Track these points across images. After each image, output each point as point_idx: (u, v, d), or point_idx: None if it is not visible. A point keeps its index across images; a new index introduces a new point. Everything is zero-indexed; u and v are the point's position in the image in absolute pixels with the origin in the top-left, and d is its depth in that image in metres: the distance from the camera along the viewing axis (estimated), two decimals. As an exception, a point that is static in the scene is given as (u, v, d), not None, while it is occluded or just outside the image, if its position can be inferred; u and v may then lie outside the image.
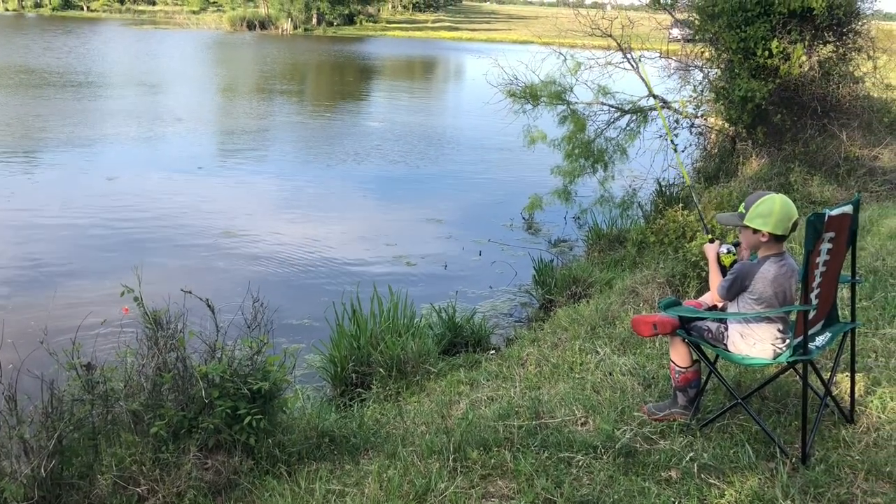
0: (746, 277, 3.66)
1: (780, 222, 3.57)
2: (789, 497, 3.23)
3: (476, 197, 12.75)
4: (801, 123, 9.83)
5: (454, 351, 6.37)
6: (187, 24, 55.29)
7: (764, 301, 3.64)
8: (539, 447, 3.76)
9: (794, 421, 3.86)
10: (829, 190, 9.01)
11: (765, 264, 3.65)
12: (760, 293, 3.63)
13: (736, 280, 3.70)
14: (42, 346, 3.77)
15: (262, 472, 3.87)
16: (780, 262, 3.65)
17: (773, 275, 3.62)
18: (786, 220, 3.57)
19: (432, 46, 50.72)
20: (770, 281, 3.62)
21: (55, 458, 3.54)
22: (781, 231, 3.59)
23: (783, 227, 3.58)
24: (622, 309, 5.99)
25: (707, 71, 11.26)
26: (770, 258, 3.65)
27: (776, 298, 3.64)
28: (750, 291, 3.66)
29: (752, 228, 3.64)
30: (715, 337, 3.80)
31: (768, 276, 3.62)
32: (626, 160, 11.51)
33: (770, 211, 3.58)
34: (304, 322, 7.31)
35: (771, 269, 3.62)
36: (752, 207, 3.64)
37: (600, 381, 4.56)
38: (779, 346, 3.68)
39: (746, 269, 3.70)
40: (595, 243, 9.47)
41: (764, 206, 3.60)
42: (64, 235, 9.64)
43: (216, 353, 4.10)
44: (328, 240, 9.91)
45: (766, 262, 3.65)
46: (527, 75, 11.52)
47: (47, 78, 24.53)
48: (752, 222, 3.63)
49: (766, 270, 3.63)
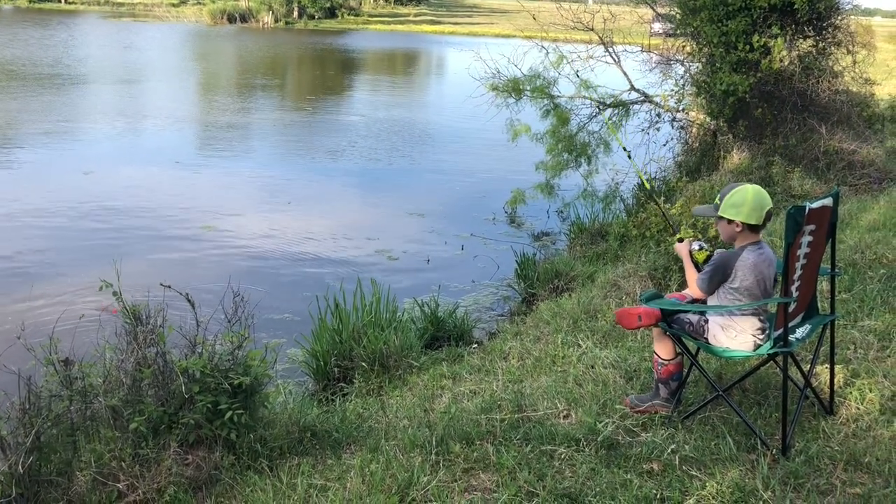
0: (727, 266, 3.69)
1: (753, 211, 3.62)
2: (769, 488, 3.25)
3: (458, 191, 12.73)
4: (781, 117, 9.89)
5: (437, 345, 6.36)
6: (167, 17, 54.72)
7: (745, 289, 3.66)
8: (521, 440, 3.76)
9: (775, 413, 3.89)
10: (809, 183, 9.07)
11: (744, 252, 3.68)
12: (741, 281, 3.65)
13: (716, 270, 3.72)
14: (19, 341, 3.72)
15: (243, 467, 3.84)
16: (757, 249, 3.68)
17: (753, 262, 3.65)
18: (759, 209, 3.62)
19: (414, 40, 50.57)
20: (750, 268, 3.64)
21: (33, 455, 3.49)
22: (755, 220, 3.63)
23: (756, 217, 3.62)
24: (604, 302, 6.01)
25: (688, 65, 11.30)
26: (748, 247, 3.68)
27: (757, 287, 3.66)
28: (731, 280, 3.69)
29: (727, 219, 3.68)
30: (696, 330, 3.82)
31: (748, 264, 3.65)
32: (609, 153, 11.53)
33: (743, 201, 3.63)
34: (286, 317, 7.27)
35: (750, 257, 3.65)
36: (726, 198, 3.70)
37: (582, 374, 4.57)
38: (759, 338, 3.70)
39: (725, 257, 3.72)
40: (577, 237, 9.49)
41: (737, 196, 3.66)
42: (40, 230, 9.53)
43: (196, 347, 4.06)
44: (309, 234, 9.86)
45: (745, 251, 3.68)
46: (509, 69, 11.51)
47: (18, 71, 24.20)
48: (725, 213, 3.68)
49: (746, 258, 3.66)
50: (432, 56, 43.78)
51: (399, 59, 40.90)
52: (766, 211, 3.63)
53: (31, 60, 26.80)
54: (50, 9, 57.59)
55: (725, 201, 3.69)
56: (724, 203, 3.69)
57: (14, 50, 29.73)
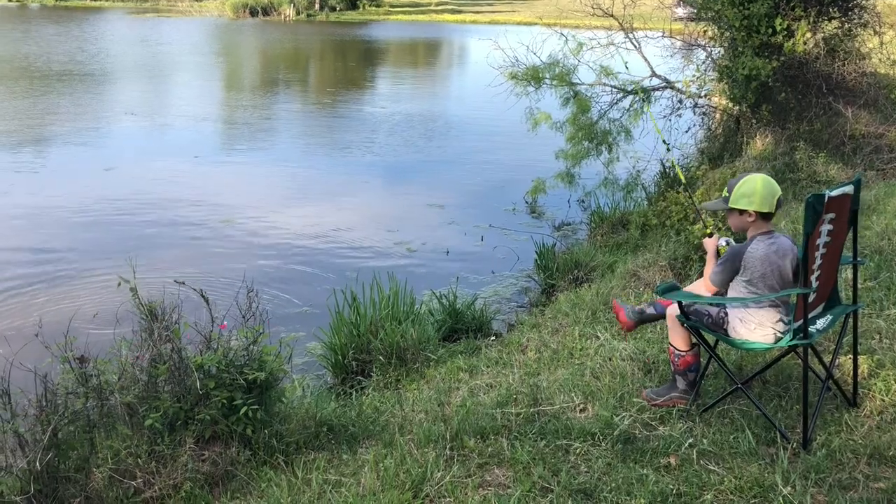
0: (737, 259, 3.65)
1: (764, 200, 3.60)
2: (790, 483, 3.18)
3: (479, 182, 12.66)
4: (805, 101, 9.70)
5: (455, 337, 6.34)
6: (190, 12, 54.99)
7: (756, 281, 3.61)
8: (537, 435, 3.73)
9: (796, 405, 3.81)
10: (834, 168, 8.89)
11: (753, 243, 3.64)
12: (752, 273, 3.61)
13: (727, 263, 3.70)
14: (37, 338, 3.75)
15: (259, 462, 3.85)
16: (768, 239, 3.64)
17: (763, 252, 3.60)
18: (769, 196, 3.60)
19: (436, 30, 50.37)
20: (760, 259, 3.60)
21: (51, 452, 3.52)
22: (767, 208, 3.61)
23: (768, 205, 3.60)
24: (623, 293, 5.94)
25: (710, 50, 11.12)
26: (758, 237, 3.65)
27: (771, 277, 3.61)
28: (742, 273, 3.64)
29: (738, 210, 3.66)
30: (715, 322, 3.76)
31: (758, 255, 3.60)
32: (630, 141, 11.38)
33: (753, 190, 3.61)
34: (305, 310, 7.28)
35: (760, 248, 3.61)
36: (735, 189, 3.67)
37: (600, 367, 4.51)
38: (779, 330, 3.63)
39: (735, 250, 3.70)
40: (598, 226, 9.39)
41: (746, 186, 3.64)
42: (59, 226, 9.62)
43: (212, 343, 4.07)
44: (329, 227, 9.86)
45: (755, 241, 3.64)
46: (528, 57, 11.40)
47: (44, 69, 24.46)
48: (736, 203, 3.66)
49: (755, 249, 3.61)
50: (454, 45, 43.61)
51: (420, 49, 40.79)
52: (776, 198, 3.62)
53: (55, 57, 27.07)
54: (76, 6, 58.10)
55: (735, 192, 3.66)
56: (734, 194, 3.66)
57: (38, 47, 30.05)
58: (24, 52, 28.51)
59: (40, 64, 25.17)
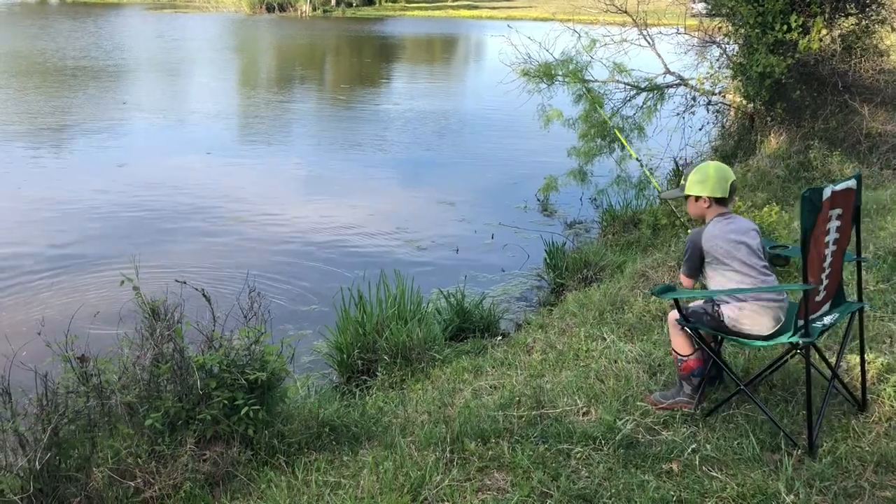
0: (696, 243, 3.74)
1: (717, 184, 3.73)
2: (793, 491, 3.13)
3: (490, 179, 12.61)
4: (821, 99, 9.58)
5: (462, 337, 6.30)
6: (206, 8, 55.23)
7: (724, 260, 3.65)
8: (538, 438, 3.69)
9: (803, 410, 3.74)
10: (849, 167, 8.77)
11: (709, 225, 3.75)
12: (714, 252, 3.68)
13: (689, 250, 3.79)
14: (39, 336, 3.76)
15: (260, 463, 3.84)
16: (724, 220, 3.74)
17: (719, 230, 3.70)
18: (722, 181, 3.74)
19: (452, 26, 50.31)
20: (718, 236, 3.68)
21: (51, 451, 3.52)
22: (720, 193, 3.74)
23: (721, 189, 3.73)
24: (631, 293, 5.87)
25: (725, 46, 11.00)
26: (714, 219, 3.76)
27: (739, 252, 3.65)
28: (707, 257, 3.72)
29: (694, 196, 3.80)
30: (713, 320, 3.73)
31: (712, 234, 3.70)
32: (643, 138, 11.29)
33: (706, 176, 3.76)
34: (313, 308, 7.27)
35: (715, 228, 3.72)
36: (689, 177, 3.83)
37: (605, 369, 4.46)
38: (774, 308, 3.62)
39: (693, 236, 3.80)
40: (609, 225, 9.32)
41: (700, 173, 3.80)
42: (68, 222, 9.64)
43: (214, 343, 4.06)
44: (339, 224, 9.85)
45: (710, 223, 3.75)
46: (540, 54, 11.32)
47: (56, 65, 24.62)
48: (691, 190, 3.81)
49: (711, 230, 3.72)
50: (470, 41, 43.53)
51: (436, 45, 40.74)
52: (729, 183, 3.76)
53: (70, 53, 27.25)
54: (94, 2, 58.47)
55: (689, 180, 3.82)
56: (689, 182, 3.81)
57: (54, 42, 30.26)
58: (40, 47, 28.72)
59: (55, 60, 25.34)
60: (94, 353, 3.80)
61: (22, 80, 21.09)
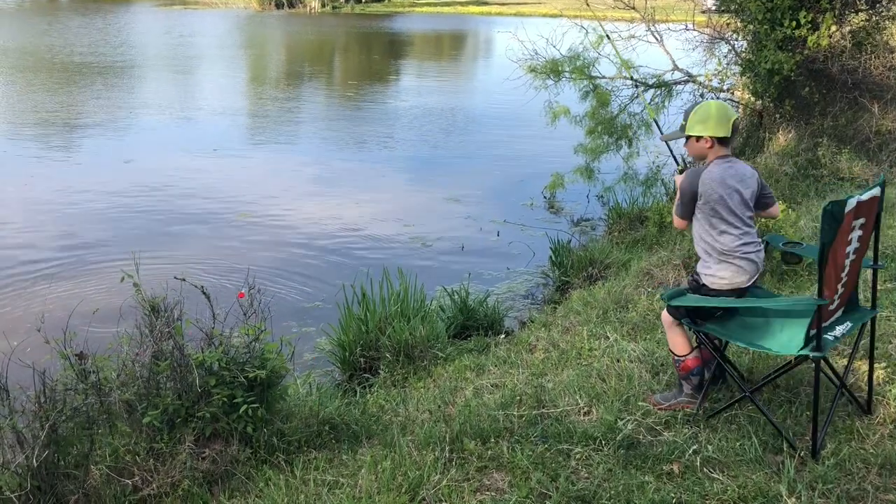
0: (693, 182, 3.67)
1: (719, 123, 3.65)
2: (795, 493, 3.09)
3: (497, 176, 12.56)
4: (830, 96, 9.49)
5: (466, 335, 6.27)
6: (216, 4, 55.26)
7: (714, 205, 3.62)
8: (538, 438, 3.66)
9: (806, 411, 3.70)
10: (858, 165, 8.69)
11: (710, 166, 3.68)
12: (707, 196, 3.63)
13: (685, 190, 3.72)
14: (38, 333, 3.74)
15: (259, 461, 3.82)
16: (725, 163, 3.67)
17: (719, 175, 3.63)
18: (724, 120, 3.66)
19: (461, 22, 50.18)
20: (716, 181, 3.62)
21: (49, 449, 3.51)
22: (723, 132, 3.66)
23: (724, 129, 3.66)
24: (636, 292, 5.83)
25: (733, 43, 10.92)
26: (715, 161, 3.68)
27: (729, 201, 3.61)
28: (699, 196, 3.66)
29: (695, 136, 3.72)
30: (695, 290, 3.74)
31: (713, 177, 3.63)
32: (650, 136, 11.22)
33: (707, 115, 3.69)
34: (317, 305, 7.25)
35: (716, 170, 3.65)
36: (690, 116, 3.75)
37: (607, 369, 4.43)
38: (751, 256, 3.63)
39: (691, 174, 3.73)
40: (616, 223, 9.26)
41: (700, 112, 3.73)
42: (76, 218, 9.65)
43: (213, 340, 4.04)
44: (344, 222, 9.83)
45: (711, 164, 3.68)
46: (547, 50, 11.26)
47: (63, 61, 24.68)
48: (693, 130, 3.73)
49: (711, 171, 3.65)
50: (479, 37, 43.43)
51: (445, 41, 40.66)
52: (731, 122, 3.68)
53: (78, 49, 27.32)
54: (103, -1, 58.64)
55: (690, 119, 3.74)
56: (690, 121, 3.74)
57: (62, 38, 30.34)
58: (49, 43, 28.80)
59: (63, 56, 25.41)
60: (93, 350, 3.79)
61: (29, 77, 21.15)
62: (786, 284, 5.60)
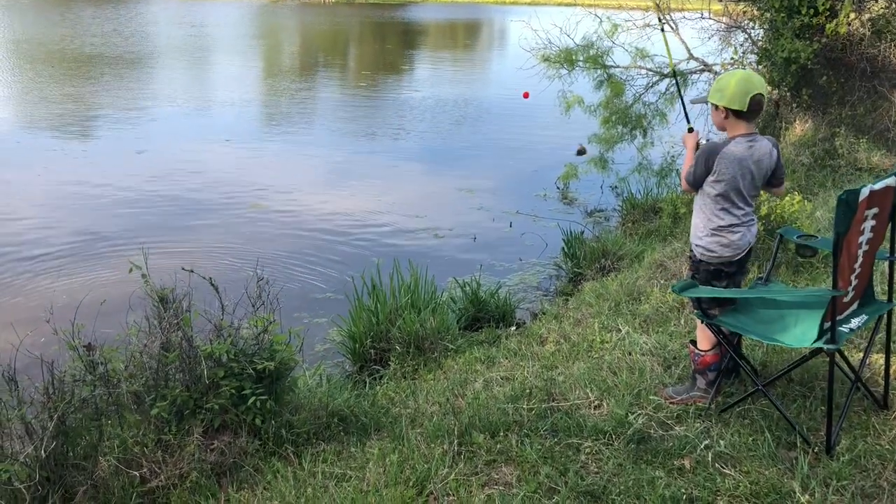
0: (710, 155, 3.53)
1: (735, 96, 3.44)
2: (808, 490, 3.03)
3: (510, 167, 12.50)
4: (848, 86, 9.34)
5: (477, 326, 6.23)
6: (230, -5, 55.37)
7: (723, 181, 3.52)
8: (548, 432, 3.62)
9: (821, 406, 3.64)
10: (877, 156, 8.57)
11: (732, 143, 3.51)
12: (720, 174, 3.51)
13: (700, 157, 3.57)
14: (48, 324, 3.74)
15: (268, 453, 3.80)
16: (747, 141, 3.51)
17: (740, 155, 3.49)
18: (741, 93, 3.43)
19: (475, 11, 50.02)
20: (735, 160, 3.49)
21: (57, 440, 3.51)
22: (738, 106, 3.45)
23: (739, 102, 3.43)
24: (648, 284, 5.76)
25: (750, 31, 10.77)
26: (737, 138, 3.52)
27: (739, 181, 3.51)
28: (713, 172, 3.54)
29: (714, 104, 3.55)
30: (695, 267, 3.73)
31: (732, 156, 3.49)
32: (665, 125, 11.11)
33: (726, 84, 3.47)
34: (329, 296, 7.23)
35: (737, 149, 3.50)
36: (713, 83, 3.58)
37: (618, 361, 4.37)
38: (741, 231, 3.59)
39: (711, 146, 3.57)
40: (629, 214, 9.18)
41: (722, 80, 3.53)
42: (89, 209, 9.68)
43: (222, 332, 4.03)
44: (357, 213, 9.81)
45: (734, 141, 3.51)
46: (561, 39, 11.17)
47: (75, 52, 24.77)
48: (711, 97, 3.55)
49: (731, 150, 3.50)
50: (493, 27, 43.24)
51: (459, 30, 40.51)
52: (749, 96, 3.42)
53: (89, 40, 27.41)
54: (117, -11, 58.76)
55: (713, 86, 3.57)
56: (712, 88, 3.56)
57: (73, 29, 30.44)
58: (61, 34, 28.91)
59: (75, 47, 25.49)
60: (102, 341, 3.78)
61: (43, 68, 21.25)
62: (801, 277, 5.52)
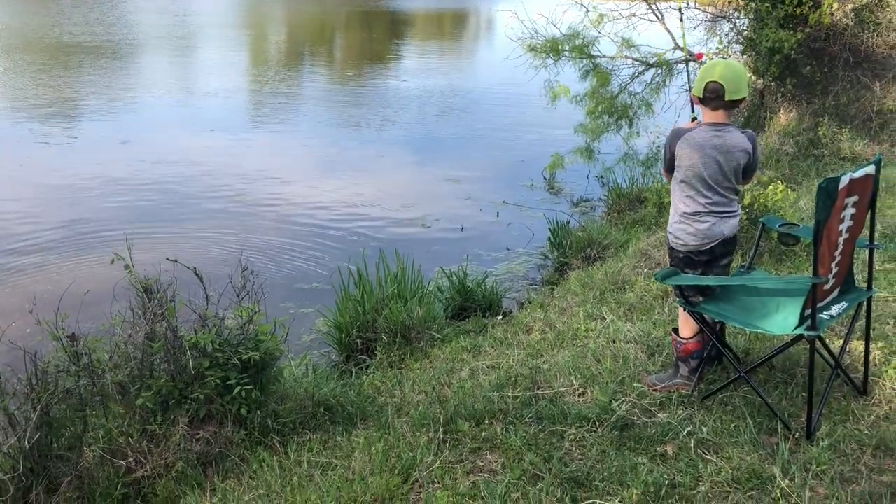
0: (672, 140, 3.56)
1: (696, 83, 3.50)
2: (788, 475, 3.07)
3: (497, 157, 12.49)
4: (832, 75, 9.40)
5: (464, 316, 6.25)
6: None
7: (683, 166, 3.52)
8: (533, 419, 3.64)
9: (802, 392, 3.68)
10: (860, 145, 8.63)
11: (695, 130, 3.52)
12: (680, 160, 3.53)
13: (665, 143, 3.61)
14: (30, 314, 3.72)
15: (253, 442, 3.81)
16: (713, 130, 3.49)
17: (700, 141, 3.48)
18: (699, 80, 3.47)
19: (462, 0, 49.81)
20: (694, 146, 3.48)
21: (41, 431, 3.50)
22: (696, 92, 3.49)
23: (697, 88, 3.48)
24: (633, 273, 5.80)
25: (735, 21, 10.81)
26: (703, 126, 3.52)
27: (703, 170, 3.49)
28: (675, 157, 3.56)
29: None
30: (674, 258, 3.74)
31: (693, 140, 3.49)
32: (651, 115, 11.15)
33: (701, 72, 3.49)
34: (315, 286, 7.23)
35: (698, 135, 3.49)
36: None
37: (602, 349, 4.40)
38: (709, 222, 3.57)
39: (675, 130, 3.59)
40: (615, 203, 9.22)
41: (701, 70, 3.52)
42: (72, 200, 9.61)
43: (207, 322, 4.02)
44: (343, 203, 9.79)
45: (698, 129, 3.52)
46: (547, 29, 11.16)
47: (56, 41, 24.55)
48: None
49: (691, 135, 3.51)
50: (480, 16, 43.10)
51: (446, 20, 40.37)
52: (704, 83, 3.43)
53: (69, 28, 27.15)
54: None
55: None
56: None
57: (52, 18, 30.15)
58: (40, 22, 28.62)
59: (55, 36, 25.24)
60: (86, 332, 3.77)
61: (22, 57, 21.03)
62: (784, 265, 5.57)
